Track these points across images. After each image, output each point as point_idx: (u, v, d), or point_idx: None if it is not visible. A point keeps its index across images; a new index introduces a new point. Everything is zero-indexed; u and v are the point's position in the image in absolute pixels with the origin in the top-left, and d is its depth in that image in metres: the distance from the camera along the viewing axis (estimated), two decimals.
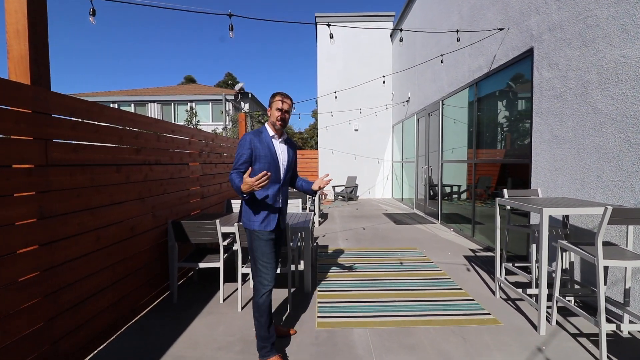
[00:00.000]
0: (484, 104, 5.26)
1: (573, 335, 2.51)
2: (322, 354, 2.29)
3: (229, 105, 19.72)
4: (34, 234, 1.87)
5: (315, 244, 5.01)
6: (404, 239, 5.63)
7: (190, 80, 35.26)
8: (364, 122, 12.29)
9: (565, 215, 3.17)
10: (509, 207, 3.45)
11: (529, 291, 2.94)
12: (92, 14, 2.48)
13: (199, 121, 18.24)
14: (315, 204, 6.91)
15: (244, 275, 3.70)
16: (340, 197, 11.70)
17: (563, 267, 3.06)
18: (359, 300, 3.15)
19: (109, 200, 2.49)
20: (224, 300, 3.18)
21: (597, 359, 2.21)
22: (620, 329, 2.33)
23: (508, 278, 3.67)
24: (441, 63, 6.23)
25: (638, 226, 2.55)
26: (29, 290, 1.85)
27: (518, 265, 3.57)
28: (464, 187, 6.10)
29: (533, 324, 2.67)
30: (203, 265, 3.17)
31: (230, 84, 34.29)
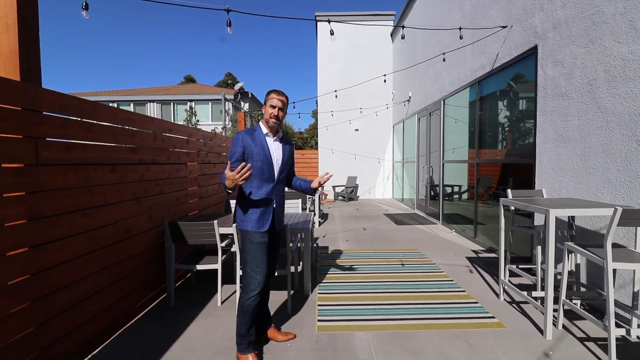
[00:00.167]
0: (487, 103, 5.19)
1: (580, 340, 2.44)
2: None
3: (229, 105, 19.64)
4: (23, 236, 1.80)
5: (315, 245, 4.94)
6: (405, 240, 5.56)
7: (190, 80, 35.17)
8: (364, 122, 12.22)
9: (571, 216, 3.10)
10: (513, 208, 3.38)
11: (534, 294, 2.88)
12: (85, 8, 2.41)
13: (198, 121, 18.16)
14: (315, 204, 6.84)
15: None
16: (340, 197, 11.63)
17: (569, 269, 2.99)
18: (360, 303, 3.08)
19: (103, 200, 2.42)
20: (222, 302, 3.11)
21: None
22: (630, 334, 2.26)
23: (512, 280, 3.60)
24: (443, 62, 6.16)
25: None
26: (18, 294, 1.78)
27: (522, 267, 3.51)
28: (465, 187, 6.04)
29: (539, 328, 2.60)
30: (201, 267, 3.10)
31: (230, 83, 34.20)
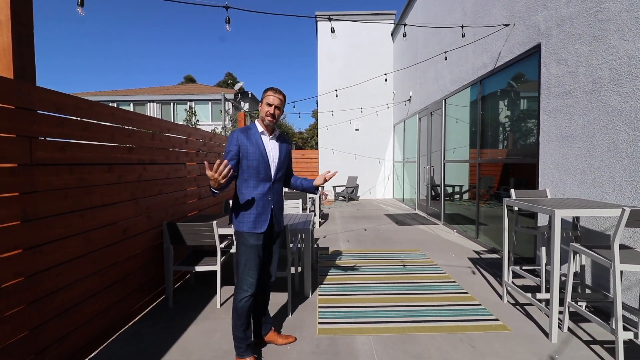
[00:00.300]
0: (489, 102, 5.14)
1: (586, 343, 2.39)
2: None
3: (229, 105, 19.60)
4: (17, 238, 1.76)
5: (315, 246, 4.89)
6: (406, 240, 5.51)
7: (190, 80, 35.12)
8: (364, 122, 12.17)
9: (576, 217, 3.05)
10: (516, 208, 3.34)
11: (539, 296, 2.82)
12: (81, 4, 2.36)
13: (198, 121, 18.12)
14: (316, 205, 6.79)
15: None
16: (340, 198, 11.58)
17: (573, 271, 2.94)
18: (361, 305, 3.03)
19: (100, 201, 2.37)
20: (221, 305, 3.06)
21: None
22: (638, 337, 2.21)
23: (515, 281, 3.55)
24: (445, 60, 6.11)
25: None
26: (12, 297, 1.73)
27: (525, 268, 3.46)
28: (467, 188, 5.99)
29: (544, 331, 2.56)
30: (199, 268, 3.05)
31: (230, 83, 34.15)
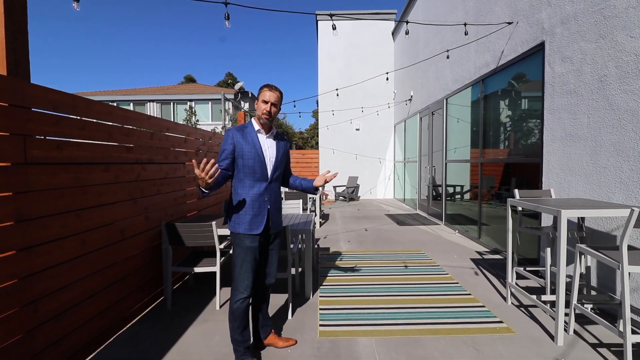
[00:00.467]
0: (491, 101, 5.09)
1: (593, 346, 2.34)
2: None
3: (229, 105, 19.55)
4: (10, 238, 1.71)
5: (316, 246, 4.85)
6: (408, 241, 5.47)
7: (190, 80, 35.08)
8: (365, 122, 12.12)
9: (581, 217, 3.00)
10: (520, 209, 3.29)
11: (544, 297, 2.78)
12: None
13: (198, 120, 18.09)
14: (316, 205, 6.74)
15: None
16: (341, 198, 11.53)
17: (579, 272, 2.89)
18: (363, 306, 2.98)
19: (97, 201, 2.33)
20: (221, 306, 3.01)
21: None
22: None
23: (518, 282, 3.50)
24: (447, 59, 6.06)
25: None
26: (6, 300, 1.69)
27: (529, 269, 3.41)
28: (468, 187, 5.94)
29: (549, 333, 2.51)
30: (198, 269, 3.00)
31: (230, 83, 34.11)
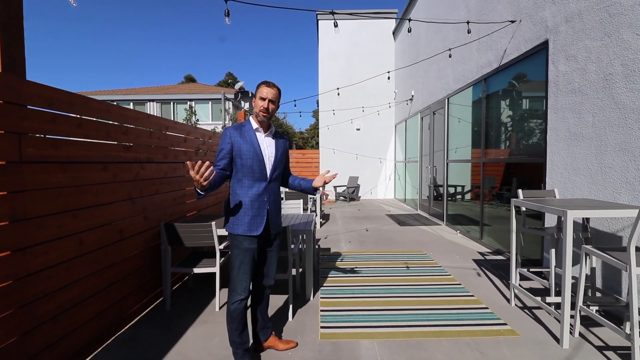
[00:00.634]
0: (494, 100, 5.05)
1: (599, 349, 2.30)
2: None
3: (229, 104, 19.51)
4: (5, 239, 1.67)
5: (317, 247, 4.81)
6: (409, 241, 5.42)
7: (190, 80, 35.04)
8: (366, 121, 12.08)
9: (585, 218, 2.96)
10: (524, 209, 3.25)
11: (549, 299, 2.73)
12: None
13: (198, 120, 18.05)
14: (317, 205, 6.70)
15: None
16: (341, 198, 11.49)
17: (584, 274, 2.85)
18: (364, 308, 2.94)
19: (94, 201, 2.29)
20: (220, 307, 2.97)
21: None
22: None
23: (522, 284, 3.46)
24: (449, 58, 6.01)
25: None
26: (1, 301, 1.65)
27: (533, 270, 3.37)
28: (470, 188, 5.89)
29: (554, 336, 2.47)
30: (198, 270, 2.96)
31: (230, 83, 34.07)
